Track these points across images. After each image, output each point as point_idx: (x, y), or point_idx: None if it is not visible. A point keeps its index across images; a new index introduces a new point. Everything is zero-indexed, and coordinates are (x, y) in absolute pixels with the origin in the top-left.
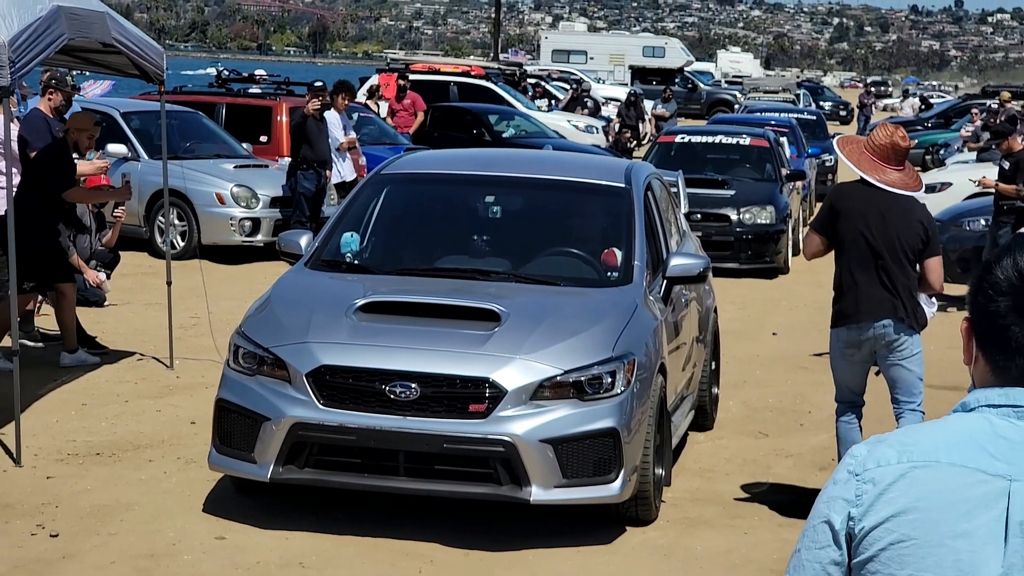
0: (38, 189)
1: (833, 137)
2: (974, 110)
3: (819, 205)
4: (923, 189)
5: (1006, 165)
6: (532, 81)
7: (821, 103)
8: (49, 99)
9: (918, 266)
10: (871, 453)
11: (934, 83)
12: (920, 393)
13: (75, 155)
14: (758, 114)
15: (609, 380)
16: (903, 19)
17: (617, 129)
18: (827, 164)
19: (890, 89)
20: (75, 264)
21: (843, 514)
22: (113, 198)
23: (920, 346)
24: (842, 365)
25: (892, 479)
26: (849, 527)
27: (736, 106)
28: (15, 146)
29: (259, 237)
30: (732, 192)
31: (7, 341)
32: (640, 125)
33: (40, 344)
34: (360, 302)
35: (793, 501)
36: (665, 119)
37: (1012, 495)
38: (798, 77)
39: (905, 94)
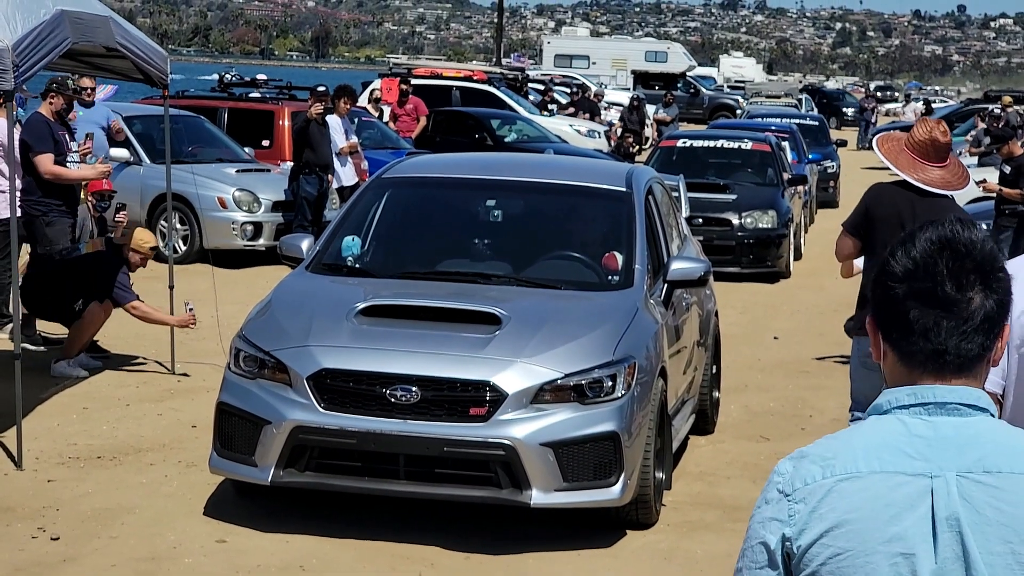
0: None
1: (835, 143)
2: (978, 115)
3: (820, 212)
4: (968, 183)
5: (1007, 169)
6: (540, 87)
7: (844, 109)
8: (51, 103)
9: None
10: (797, 471)
11: (936, 88)
12: None
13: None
14: (759, 119)
15: (610, 384)
16: (906, 24)
17: (619, 133)
18: (829, 170)
19: (896, 94)
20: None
21: (778, 535)
22: (176, 324)
23: None
24: (863, 375)
25: (821, 496)
26: (786, 547)
27: (738, 111)
28: (18, 150)
29: (261, 241)
30: (734, 196)
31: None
32: (643, 129)
33: (42, 348)
34: (361, 306)
35: None
36: (667, 123)
37: (935, 491)
38: (800, 82)
39: (907, 99)
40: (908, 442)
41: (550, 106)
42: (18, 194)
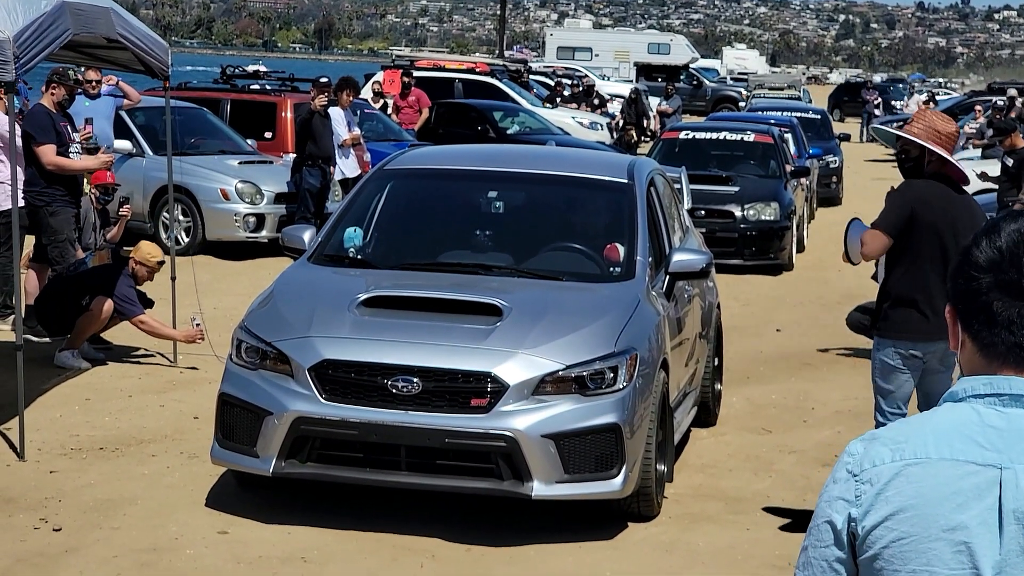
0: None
1: (838, 137)
2: (978, 107)
3: (820, 211)
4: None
5: (1009, 162)
6: (551, 82)
7: (893, 103)
8: (52, 93)
9: None
10: (867, 452)
11: (940, 80)
12: None
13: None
14: (759, 112)
15: (611, 375)
16: (909, 16)
17: (621, 126)
18: (831, 165)
19: (904, 87)
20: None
21: (844, 515)
22: (183, 340)
23: None
24: (897, 377)
25: (888, 478)
26: (851, 527)
27: (742, 103)
28: (19, 141)
29: (263, 233)
30: (736, 188)
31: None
32: (644, 121)
33: (45, 339)
34: (363, 297)
35: (796, 497)
36: (668, 115)
37: (1003, 483)
38: (804, 74)
39: (911, 91)
40: (981, 432)
41: (557, 99)
42: (20, 185)
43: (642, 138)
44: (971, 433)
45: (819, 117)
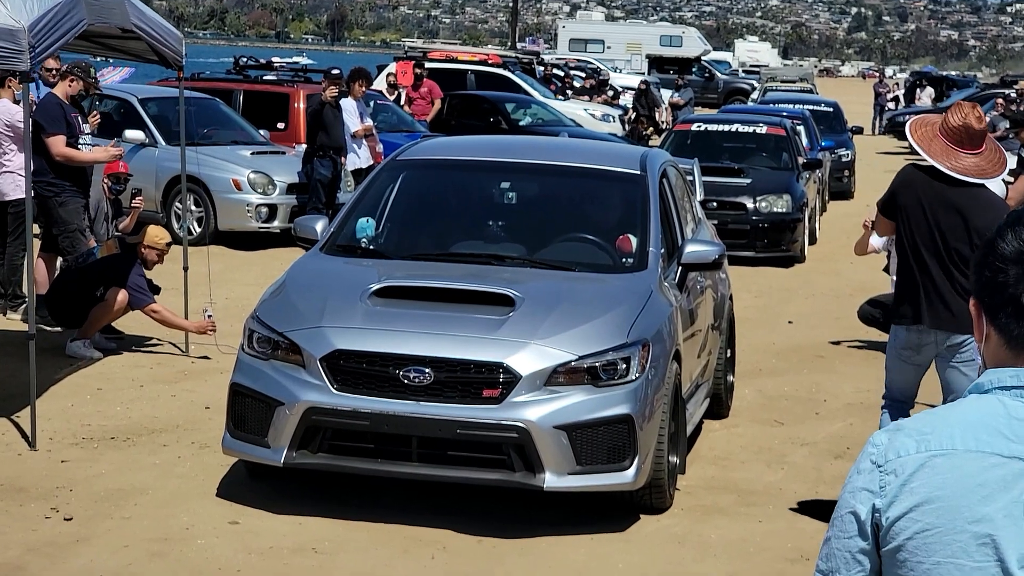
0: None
1: (851, 130)
2: (999, 99)
3: (832, 204)
4: (1005, 169)
5: None
6: (560, 73)
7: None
8: (69, 85)
9: None
10: (891, 443)
11: (953, 73)
12: None
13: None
14: (771, 105)
15: (624, 366)
16: (922, 8)
17: (633, 118)
18: (843, 159)
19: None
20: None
21: (868, 505)
22: (195, 331)
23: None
24: (896, 364)
25: (913, 469)
26: (875, 518)
27: (754, 95)
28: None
29: (275, 223)
30: (748, 180)
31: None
32: (655, 113)
33: (57, 329)
34: (375, 287)
35: (808, 490)
36: (680, 107)
37: None
38: (816, 67)
39: (922, 83)
40: (1007, 424)
41: (567, 91)
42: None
43: (652, 131)
44: (997, 425)
45: (831, 110)
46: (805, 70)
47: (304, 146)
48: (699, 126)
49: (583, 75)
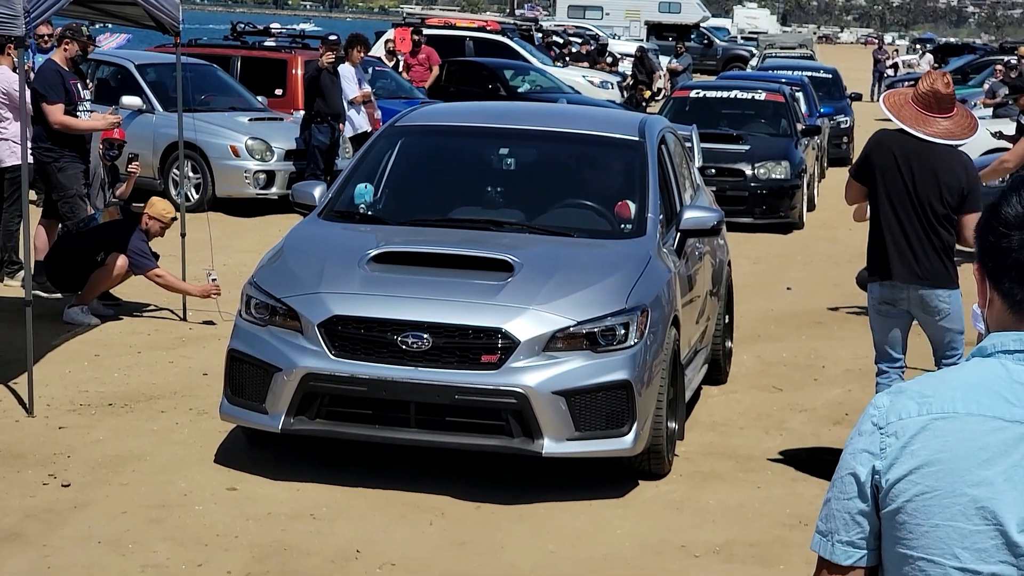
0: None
1: (850, 97)
2: (998, 66)
3: (831, 169)
4: (975, 133)
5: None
6: (560, 40)
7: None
8: (65, 49)
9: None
10: (893, 405)
11: (952, 39)
12: (960, 347)
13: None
14: (770, 71)
15: (622, 332)
16: None
17: (632, 84)
18: (842, 125)
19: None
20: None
21: (868, 467)
22: (200, 295)
23: (958, 301)
24: (876, 320)
25: (914, 431)
26: (875, 480)
27: (753, 62)
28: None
29: (273, 190)
30: (747, 147)
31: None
32: (653, 80)
33: (55, 295)
34: (373, 252)
35: (807, 455)
36: (679, 73)
37: None
38: (815, 33)
39: (925, 46)
40: (1008, 388)
41: (566, 57)
42: (28, 142)
43: (652, 97)
44: (999, 389)
45: (830, 76)
46: (804, 36)
47: (302, 112)
48: (698, 93)
49: (579, 40)
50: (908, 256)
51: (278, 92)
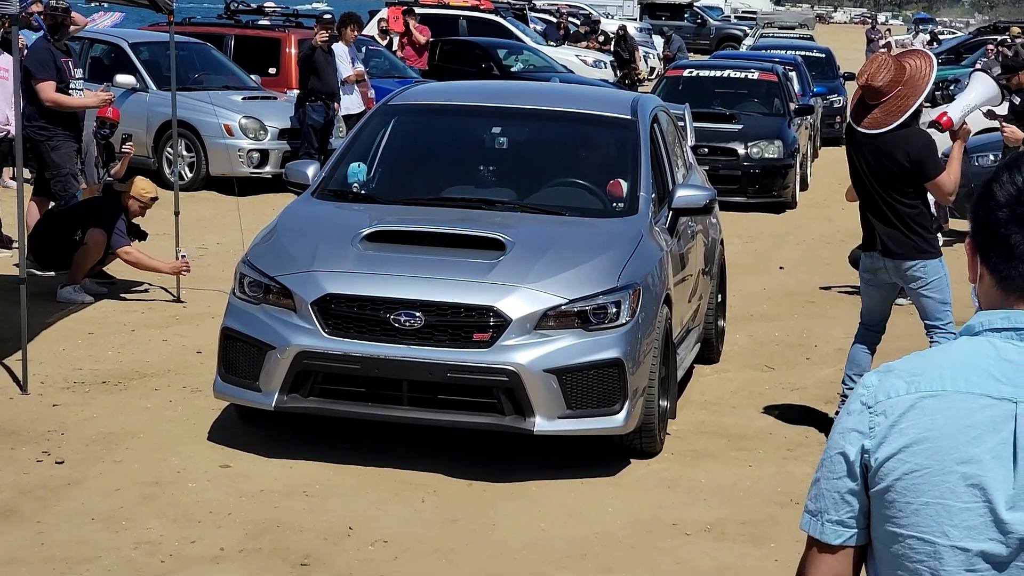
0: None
1: (844, 76)
2: (989, 46)
3: (824, 148)
4: (897, 122)
5: (1017, 100)
6: (553, 19)
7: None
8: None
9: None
10: (881, 384)
11: (945, 19)
12: (947, 315)
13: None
14: (763, 51)
15: (614, 310)
16: None
17: (616, 63)
18: (835, 105)
19: (935, 28)
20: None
21: (857, 446)
22: (170, 272)
23: (940, 270)
24: (863, 288)
25: (903, 410)
26: (864, 459)
27: (747, 41)
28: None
29: (267, 168)
30: (740, 126)
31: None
32: (634, 58)
33: (49, 273)
34: (366, 231)
35: (798, 434)
36: (672, 58)
37: (1019, 417)
38: (814, 8)
39: (917, 27)
40: (996, 365)
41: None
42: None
43: (637, 76)
44: (987, 367)
45: (824, 56)
46: (804, 15)
47: (296, 91)
48: (691, 72)
49: (578, 22)
50: (882, 232)
51: (271, 71)
